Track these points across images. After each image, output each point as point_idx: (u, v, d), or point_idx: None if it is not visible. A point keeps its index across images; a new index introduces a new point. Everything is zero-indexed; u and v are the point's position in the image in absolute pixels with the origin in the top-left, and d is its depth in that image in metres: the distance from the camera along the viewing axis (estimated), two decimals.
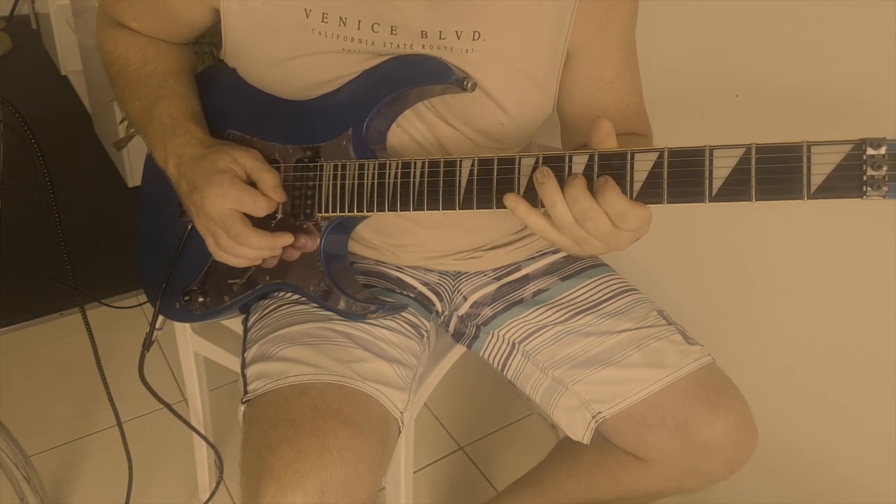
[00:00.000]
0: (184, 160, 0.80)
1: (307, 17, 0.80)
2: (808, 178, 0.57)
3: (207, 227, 0.79)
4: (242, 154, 0.79)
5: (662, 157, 0.62)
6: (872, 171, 0.55)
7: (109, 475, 1.38)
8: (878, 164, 0.55)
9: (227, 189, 0.76)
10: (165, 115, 0.84)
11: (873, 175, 0.55)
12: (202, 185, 0.77)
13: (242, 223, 0.76)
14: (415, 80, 0.79)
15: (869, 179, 0.55)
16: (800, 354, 1.11)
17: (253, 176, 0.78)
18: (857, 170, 0.56)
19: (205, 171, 0.77)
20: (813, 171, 0.57)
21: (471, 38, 0.80)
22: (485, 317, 0.96)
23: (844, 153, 0.56)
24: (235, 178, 0.77)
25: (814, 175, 0.57)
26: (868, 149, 0.55)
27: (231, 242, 0.77)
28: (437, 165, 0.73)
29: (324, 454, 0.69)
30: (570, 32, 0.83)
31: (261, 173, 0.78)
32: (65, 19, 2.87)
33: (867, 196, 0.56)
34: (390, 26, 0.79)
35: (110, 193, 2.30)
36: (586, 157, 0.66)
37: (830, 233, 1.02)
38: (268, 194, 0.77)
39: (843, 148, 0.56)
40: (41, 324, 1.77)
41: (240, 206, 0.76)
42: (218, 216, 0.76)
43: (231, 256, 0.79)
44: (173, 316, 0.93)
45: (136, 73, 0.89)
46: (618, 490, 0.92)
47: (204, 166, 0.78)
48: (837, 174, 0.56)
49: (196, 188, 0.77)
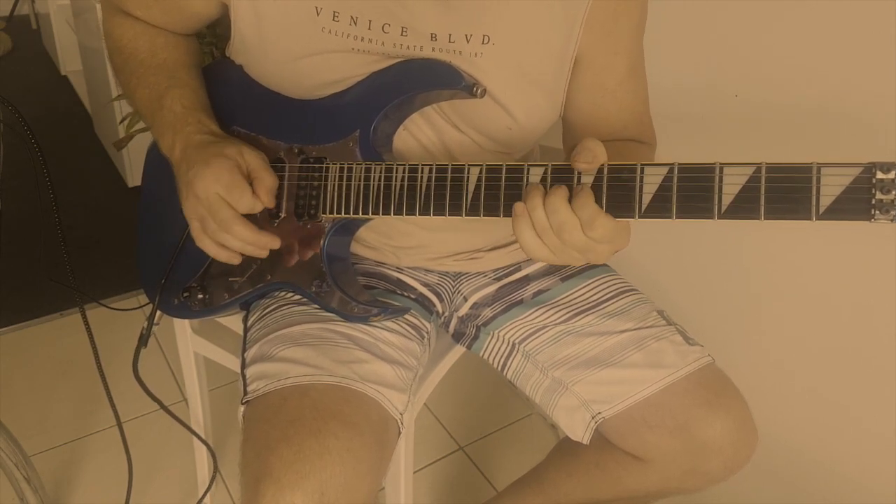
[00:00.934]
0: (191, 144, 0.80)
1: (318, 14, 0.80)
2: (816, 199, 0.57)
3: (195, 209, 0.78)
4: (250, 151, 0.79)
5: (672, 171, 0.63)
6: (881, 195, 0.55)
7: (109, 475, 1.38)
8: (888, 188, 0.55)
9: (221, 173, 0.76)
10: (177, 104, 0.84)
11: (882, 199, 0.55)
12: (199, 164, 0.77)
13: (229, 209, 0.76)
14: (424, 84, 0.79)
15: (878, 203, 0.55)
16: (800, 355, 1.11)
17: (253, 174, 0.78)
18: (867, 193, 0.56)
19: (208, 152, 0.78)
20: (822, 193, 0.57)
21: (480, 42, 0.80)
22: (485, 317, 0.96)
23: (854, 176, 0.56)
24: (235, 167, 0.77)
25: (823, 196, 0.57)
26: (878, 172, 0.55)
27: (217, 228, 0.77)
28: (445, 171, 0.73)
29: (323, 455, 0.69)
30: (580, 39, 0.83)
31: (261, 172, 0.78)
32: (65, 19, 2.87)
33: (875, 219, 0.56)
34: (401, 27, 0.79)
35: (110, 193, 2.30)
36: (595, 169, 0.66)
37: (831, 234, 1.02)
38: (258, 193, 0.77)
39: (852, 171, 0.56)
40: (41, 324, 1.78)
41: (226, 193, 0.76)
42: (205, 197, 0.76)
43: (213, 245, 0.79)
44: (171, 312, 0.92)
45: (145, 62, 0.89)
46: (618, 490, 0.92)
47: (209, 149, 0.78)
48: (846, 196, 0.56)
49: (192, 167, 0.77)
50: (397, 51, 0.81)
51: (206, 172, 0.76)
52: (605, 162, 0.66)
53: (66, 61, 3.08)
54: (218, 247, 0.79)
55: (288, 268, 0.83)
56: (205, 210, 0.77)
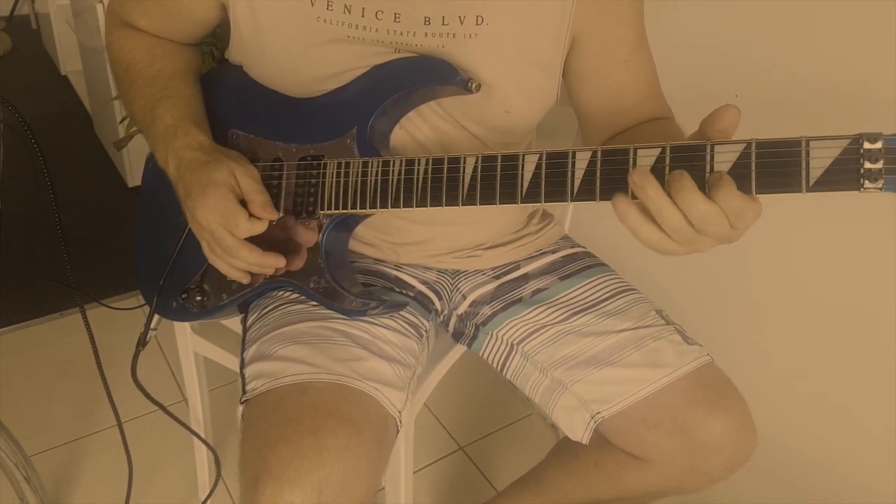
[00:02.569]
0: (183, 163, 0.81)
1: (312, 5, 0.80)
2: (806, 171, 0.58)
3: (200, 234, 0.80)
4: (240, 170, 0.78)
5: (665, 152, 0.63)
6: (870, 165, 0.56)
7: (109, 475, 1.38)
8: (875, 157, 0.56)
9: (217, 203, 0.76)
10: (168, 115, 0.84)
11: (870, 168, 0.56)
12: (196, 195, 0.77)
13: (231, 237, 0.77)
14: (419, 80, 0.80)
15: (866, 172, 0.56)
16: (799, 355, 1.11)
17: (245, 195, 0.78)
18: (855, 163, 0.56)
19: (200, 180, 0.78)
20: (812, 165, 0.58)
21: (474, 23, 0.80)
22: (483, 315, 0.96)
23: (842, 147, 0.57)
24: (228, 193, 0.77)
25: (812, 169, 0.58)
26: (865, 143, 0.56)
27: (223, 253, 0.79)
28: (441, 162, 0.73)
29: (322, 453, 0.69)
30: (574, 15, 0.83)
31: (251, 194, 0.78)
32: (65, 19, 2.87)
33: (864, 189, 0.56)
34: (394, 14, 0.80)
35: (110, 193, 2.30)
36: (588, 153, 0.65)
37: (831, 234, 1.02)
38: (255, 214, 0.77)
39: (840, 143, 0.57)
40: (41, 324, 1.78)
41: (224, 222, 0.76)
42: (207, 228, 0.77)
43: (224, 265, 0.81)
44: (170, 315, 0.93)
45: (142, 73, 0.89)
46: (617, 490, 0.92)
47: (201, 175, 0.78)
48: (835, 168, 0.57)
49: (190, 196, 0.78)
50: (391, 37, 0.81)
51: (202, 204, 0.77)
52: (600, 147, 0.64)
53: (66, 61, 3.08)
54: (229, 267, 0.81)
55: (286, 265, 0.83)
56: (209, 237, 0.79)
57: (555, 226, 1.05)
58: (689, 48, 1.13)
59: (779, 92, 1.02)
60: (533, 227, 1.02)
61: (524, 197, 0.69)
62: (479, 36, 0.80)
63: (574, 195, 0.66)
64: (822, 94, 0.98)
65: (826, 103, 0.97)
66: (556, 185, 0.67)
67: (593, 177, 0.65)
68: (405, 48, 0.81)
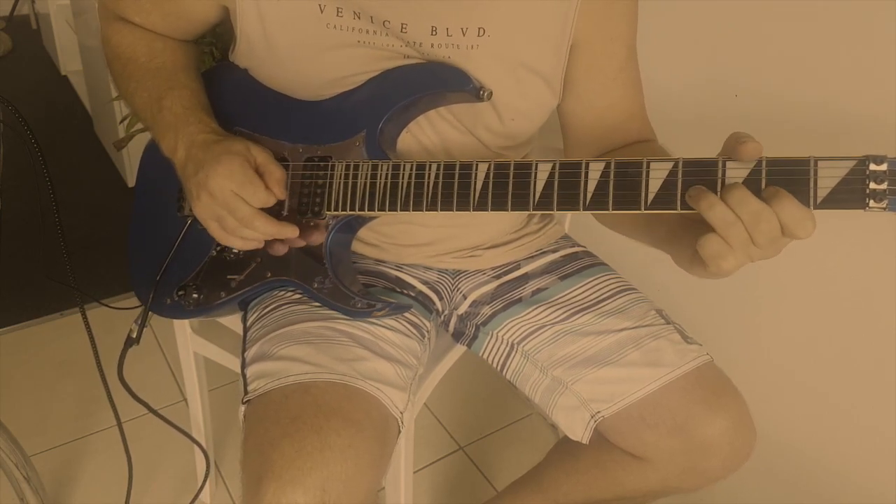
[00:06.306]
0: (195, 144, 0.80)
1: (321, 12, 0.81)
2: (814, 190, 0.60)
3: (211, 209, 0.78)
4: (255, 146, 0.80)
5: (677, 166, 0.65)
6: (875, 185, 0.58)
7: (109, 475, 1.38)
8: (880, 178, 0.58)
9: (234, 169, 0.76)
10: (177, 105, 0.84)
11: (875, 189, 0.58)
12: (209, 164, 0.77)
13: (246, 206, 0.76)
14: (431, 86, 0.80)
15: (871, 192, 0.59)
16: (799, 354, 1.11)
17: (261, 168, 0.79)
18: (861, 184, 0.59)
19: (215, 151, 0.78)
20: (819, 185, 0.60)
21: (476, 35, 0.80)
22: (484, 315, 0.96)
23: (849, 168, 0.59)
24: (245, 162, 0.77)
25: (820, 188, 0.60)
26: (871, 164, 0.59)
27: (238, 225, 0.77)
28: (453, 167, 0.74)
29: (325, 452, 0.69)
30: (575, 25, 0.83)
31: (269, 165, 0.79)
32: (65, 19, 2.87)
33: (869, 208, 0.59)
34: (401, 24, 0.80)
35: (110, 193, 2.29)
36: (602, 164, 0.67)
37: (831, 233, 1.02)
38: (270, 186, 0.78)
39: (847, 163, 0.59)
40: (41, 324, 1.77)
41: (240, 189, 0.76)
42: (221, 195, 0.76)
43: (237, 239, 0.79)
44: (164, 312, 0.92)
45: (144, 66, 0.89)
46: (617, 489, 0.92)
47: (216, 148, 0.78)
48: (842, 187, 0.59)
49: (202, 167, 0.77)
50: (399, 49, 0.81)
51: (218, 170, 0.76)
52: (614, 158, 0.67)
53: (66, 61, 3.08)
54: (242, 241, 0.80)
55: (289, 265, 0.83)
56: (221, 208, 0.77)
57: (555, 225, 1.05)
58: (689, 48, 1.13)
59: (778, 92, 1.03)
60: (533, 227, 1.02)
61: (536, 205, 0.70)
62: (480, 47, 0.81)
63: (587, 205, 0.68)
64: (823, 93, 0.98)
65: (826, 103, 0.97)
66: (568, 195, 0.69)
67: (606, 189, 0.67)
68: (413, 57, 0.82)
